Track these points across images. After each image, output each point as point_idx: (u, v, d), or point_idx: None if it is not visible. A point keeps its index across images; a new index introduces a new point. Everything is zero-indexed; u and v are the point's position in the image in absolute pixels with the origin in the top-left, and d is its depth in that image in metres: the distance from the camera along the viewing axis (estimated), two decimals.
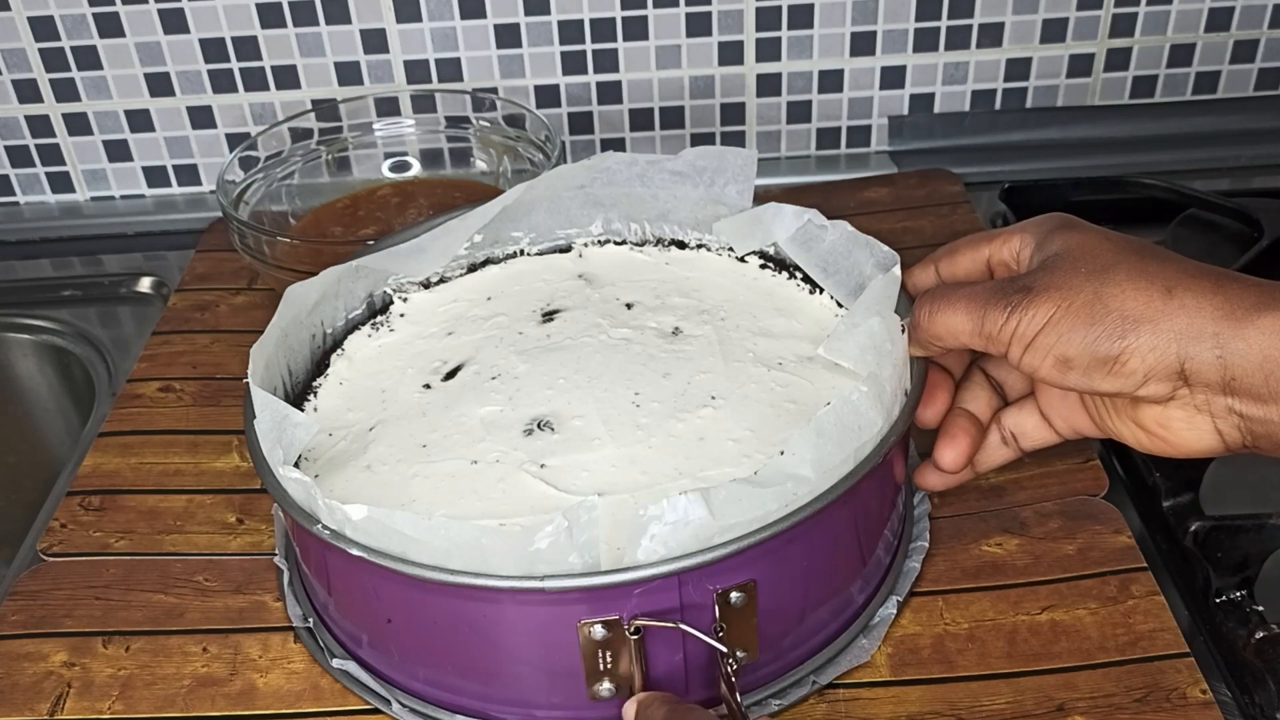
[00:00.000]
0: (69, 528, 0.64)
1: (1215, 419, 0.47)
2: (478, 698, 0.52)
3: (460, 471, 0.55)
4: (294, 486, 0.50)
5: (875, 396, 0.50)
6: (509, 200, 0.66)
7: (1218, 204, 0.79)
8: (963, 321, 0.50)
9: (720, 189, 0.66)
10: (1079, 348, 0.47)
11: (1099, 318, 0.47)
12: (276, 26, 0.88)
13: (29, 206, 0.95)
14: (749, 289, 0.66)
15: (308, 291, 0.61)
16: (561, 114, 0.91)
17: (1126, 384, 0.47)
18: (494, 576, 0.46)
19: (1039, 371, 0.49)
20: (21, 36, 0.87)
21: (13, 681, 0.56)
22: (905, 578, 0.58)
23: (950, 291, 0.52)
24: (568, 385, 0.59)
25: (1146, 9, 0.89)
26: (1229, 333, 0.45)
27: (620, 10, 0.87)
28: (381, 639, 0.53)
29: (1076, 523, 0.60)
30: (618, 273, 0.68)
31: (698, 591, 0.48)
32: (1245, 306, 0.45)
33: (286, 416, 0.53)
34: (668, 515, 0.46)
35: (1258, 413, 0.46)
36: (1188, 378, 0.46)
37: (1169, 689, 0.52)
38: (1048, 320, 0.48)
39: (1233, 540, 0.57)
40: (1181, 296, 0.46)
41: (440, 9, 0.87)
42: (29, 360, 0.84)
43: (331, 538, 0.49)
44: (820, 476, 0.48)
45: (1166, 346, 0.46)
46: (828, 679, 0.54)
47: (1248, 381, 0.45)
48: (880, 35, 0.89)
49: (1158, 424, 0.49)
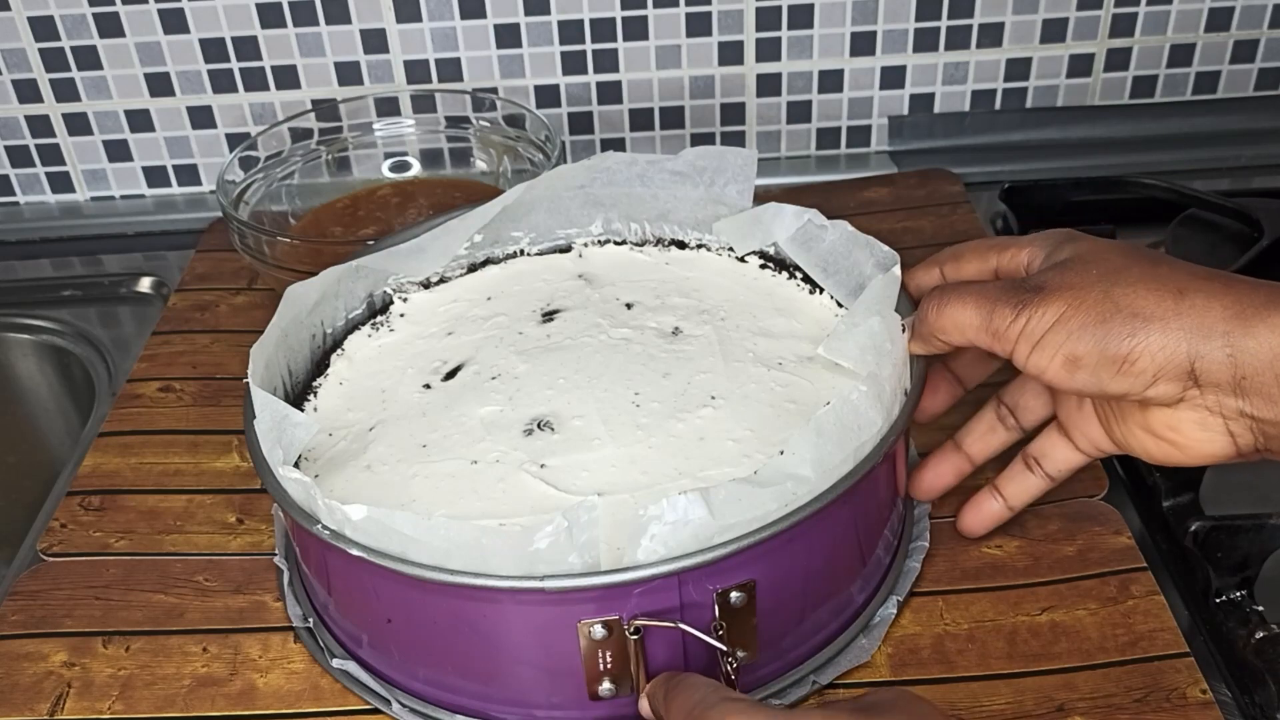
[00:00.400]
0: (69, 528, 0.64)
1: (1227, 421, 0.47)
2: (478, 698, 0.52)
3: (460, 471, 0.55)
4: (294, 486, 0.50)
5: (875, 396, 0.50)
6: (509, 200, 0.66)
7: (1218, 204, 0.79)
8: (971, 316, 0.50)
9: (720, 189, 0.66)
10: (1088, 346, 0.47)
11: (1109, 316, 0.46)
12: (276, 26, 0.87)
13: (29, 206, 0.95)
14: (749, 289, 0.66)
15: (308, 291, 0.61)
16: (561, 114, 0.91)
17: (1135, 384, 0.47)
18: (494, 576, 0.46)
19: (1046, 373, 0.48)
20: (21, 36, 0.87)
21: (13, 681, 0.56)
22: (905, 578, 0.58)
23: (960, 287, 0.51)
24: (568, 385, 0.59)
25: (1146, 9, 0.89)
26: (1239, 331, 0.44)
27: (620, 10, 0.87)
28: (381, 639, 0.53)
29: (1076, 524, 0.60)
30: (618, 273, 0.68)
31: (698, 591, 0.48)
32: (1255, 305, 0.45)
33: (286, 416, 0.53)
34: (667, 515, 0.46)
35: (1269, 414, 0.45)
36: (1198, 378, 0.46)
37: (1169, 689, 0.52)
38: (1058, 318, 0.47)
39: (1233, 540, 0.57)
40: (1193, 297, 0.45)
41: (440, 9, 0.87)
42: (29, 360, 0.84)
43: (331, 538, 0.49)
44: (820, 476, 0.48)
45: (1177, 345, 0.45)
46: (828, 679, 0.54)
47: (1258, 380, 0.45)
48: (880, 35, 0.89)
49: (1168, 428, 0.48)
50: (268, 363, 0.58)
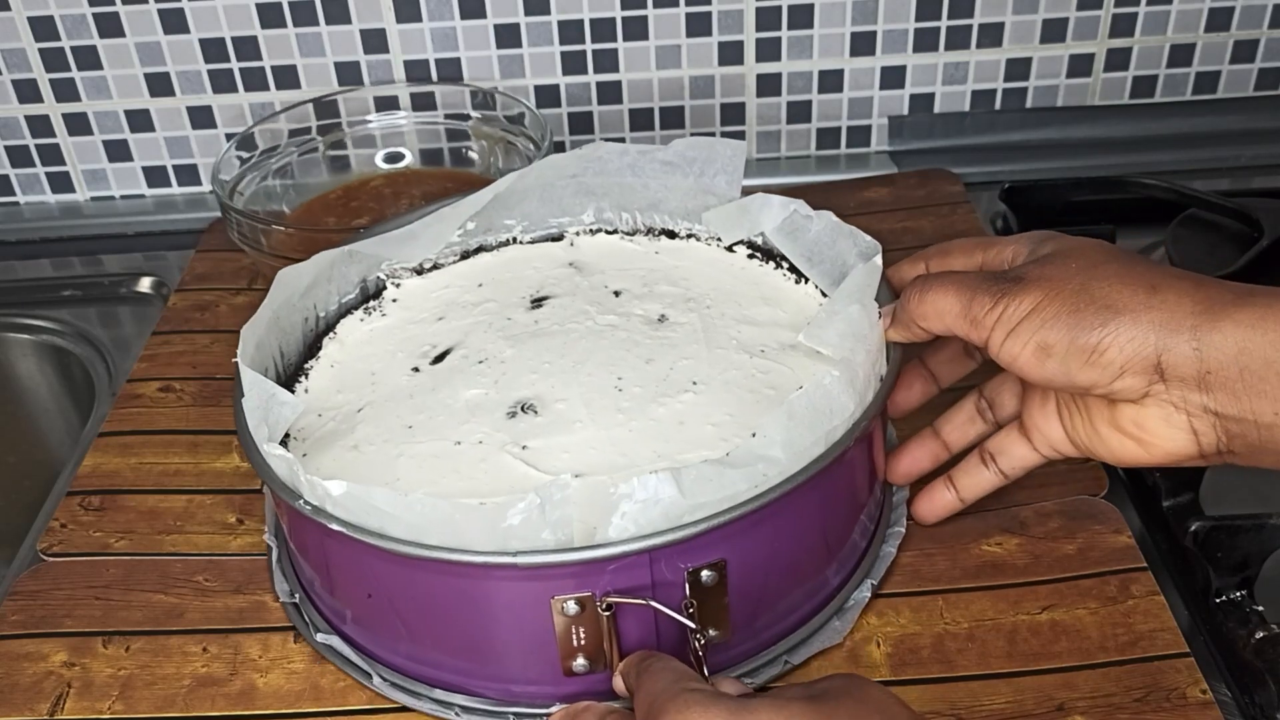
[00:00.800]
0: (69, 528, 0.64)
1: (1191, 418, 0.48)
2: (456, 672, 0.53)
3: (444, 452, 0.56)
4: (277, 463, 0.51)
5: (848, 381, 0.51)
6: (501, 188, 0.67)
7: (1218, 204, 0.79)
8: (951, 303, 0.51)
9: (710, 179, 0.67)
10: (1060, 335, 0.48)
11: (1083, 307, 0.48)
12: (276, 26, 0.88)
13: (29, 206, 0.95)
14: (736, 278, 0.67)
15: (300, 275, 0.62)
16: (561, 114, 0.91)
17: (1103, 375, 0.48)
18: (468, 552, 0.47)
19: (1018, 360, 0.50)
20: (21, 36, 0.87)
21: (13, 681, 0.56)
22: (881, 562, 0.58)
23: (943, 275, 0.53)
24: (552, 370, 0.60)
25: (1146, 9, 0.89)
26: (1206, 326, 0.46)
27: (620, 10, 0.87)
28: (363, 614, 0.54)
29: (1077, 522, 0.60)
30: (608, 261, 0.69)
31: (669, 570, 0.49)
32: (1223, 302, 0.46)
33: (273, 395, 0.54)
34: (638, 493, 0.47)
35: (1233, 410, 0.46)
36: (1164, 372, 0.47)
37: (1169, 689, 0.52)
38: (1034, 307, 0.49)
39: (1233, 540, 0.57)
40: (1164, 293, 0.47)
41: (440, 9, 0.87)
42: (29, 360, 0.84)
43: (313, 513, 0.50)
44: (790, 458, 0.49)
45: (1145, 337, 0.47)
46: (800, 659, 0.54)
47: (1223, 375, 0.46)
48: (880, 35, 0.89)
49: (1134, 424, 0.49)
50: (259, 344, 0.59)
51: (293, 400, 0.55)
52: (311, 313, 0.64)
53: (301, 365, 0.63)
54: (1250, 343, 0.45)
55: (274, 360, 0.61)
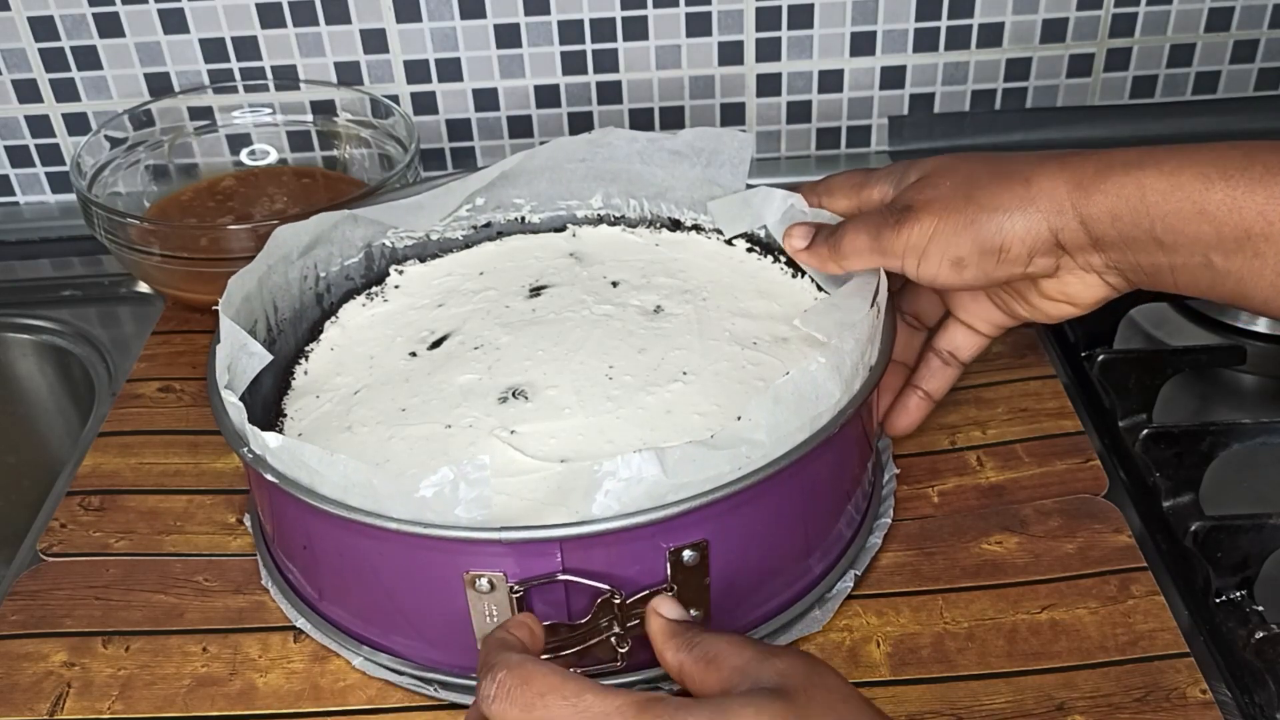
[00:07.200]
0: (69, 528, 0.64)
1: (1100, 274, 0.54)
2: (380, 633, 0.55)
3: (435, 435, 0.57)
4: (232, 410, 0.53)
5: (834, 369, 0.51)
6: (508, 166, 0.68)
7: None
8: (863, 241, 0.57)
9: (716, 170, 0.68)
10: (967, 247, 0.54)
11: (975, 216, 0.53)
12: (276, 26, 0.87)
13: (29, 206, 0.95)
14: (734, 271, 0.67)
15: (297, 233, 0.64)
16: (561, 114, 0.91)
17: (1016, 267, 0.54)
18: (381, 516, 0.48)
19: (938, 278, 0.55)
20: (21, 36, 0.87)
21: (13, 681, 0.56)
22: (866, 553, 0.59)
23: (845, 222, 0.59)
24: (545, 357, 0.61)
25: (1146, 9, 0.89)
26: (1082, 201, 0.52)
27: (620, 10, 0.87)
28: (303, 565, 0.56)
29: (1076, 522, 0.60)
30: (608, 252, 0.70)
31: (650, 549, 0.49)
32: (1089, 176, 0.52)
33: (244, 345, 0.56)
34: (621, 472, 0.47)
35: (1126, 259, 0.52)
36: (1064, 246, 0.53)
37: (1169, 689, 0.52)
38: (933, 231, 0.54)
39: (1233, 540, 0.57)
40: (1039, 182, 0.52)
41: (440, 9, 0.87)
42: (29, 360, 0.84)
43: (254, 462, 0.52)
44: (774, 442, 0.50)
45: (1039, 226, 0.53)
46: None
47: (1107, 237, 0.52)
48: (880, 35, 0.89)
49: (1058, 291, 0.56)
50: (247, 296, 0.60)
51: (260, 351, 0.57)
52: (312, 272, 0.66)
53: (303, 348, 0.65)
54: (1117, 209, 0.51)
55: (265, 314, 0.63)
